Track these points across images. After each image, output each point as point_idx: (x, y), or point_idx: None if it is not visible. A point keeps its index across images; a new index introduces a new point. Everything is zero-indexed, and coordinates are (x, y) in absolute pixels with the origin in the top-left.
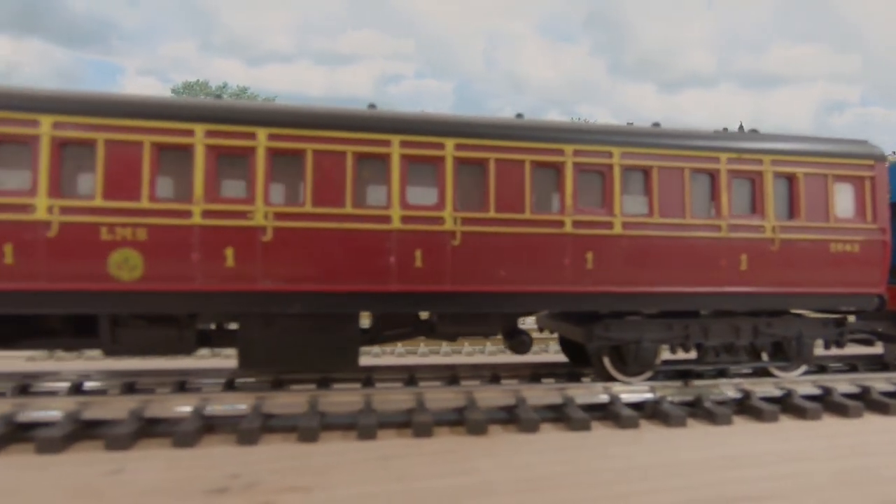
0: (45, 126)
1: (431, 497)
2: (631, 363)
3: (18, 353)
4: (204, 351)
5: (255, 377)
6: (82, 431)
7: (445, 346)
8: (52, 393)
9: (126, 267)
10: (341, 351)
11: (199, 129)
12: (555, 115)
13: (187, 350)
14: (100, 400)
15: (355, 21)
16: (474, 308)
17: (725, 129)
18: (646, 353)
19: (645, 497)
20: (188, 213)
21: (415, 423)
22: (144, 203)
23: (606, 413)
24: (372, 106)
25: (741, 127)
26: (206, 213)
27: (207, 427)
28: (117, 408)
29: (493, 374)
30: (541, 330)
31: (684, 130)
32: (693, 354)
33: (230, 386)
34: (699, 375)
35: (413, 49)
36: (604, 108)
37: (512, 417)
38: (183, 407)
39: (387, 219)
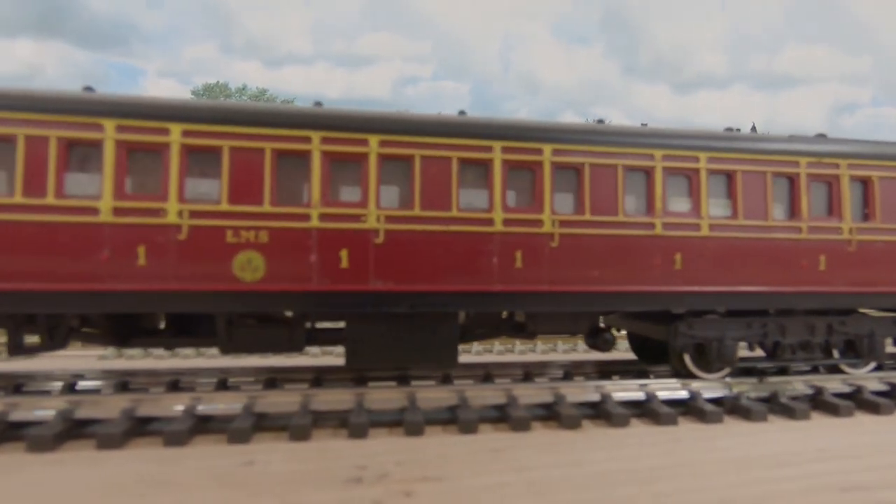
0: (175, 134)
1: (559, 484)
2: (714, 360)
3: (88, 353)
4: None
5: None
6: (202, 426)
7: (477, 346)
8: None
9: (249, 268)
10: (442, 348)
11: (316, 136)
12: (569, 117)
13: (297, 348)
14: (208, 396)
15: (373, 23)
16: (568, 307)
17: (751, 131)
18: (728, 350)
19: (768, 486)
20: (307, 217)
21: (514, 418)
22: (266, 207)
23: (688, 409)
24: (462, 112)
25: (754, 128)
26: (323, 217)
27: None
28: (230, 404)
29: (566, 372)
30: (608, 328)
31: (764, 135)
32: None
33: (317, 383)
34: (763, 372)
35: (430, 51)
36: (618, 110)
37: (600, 413)
38: (291, 402)
39: (490, 221)
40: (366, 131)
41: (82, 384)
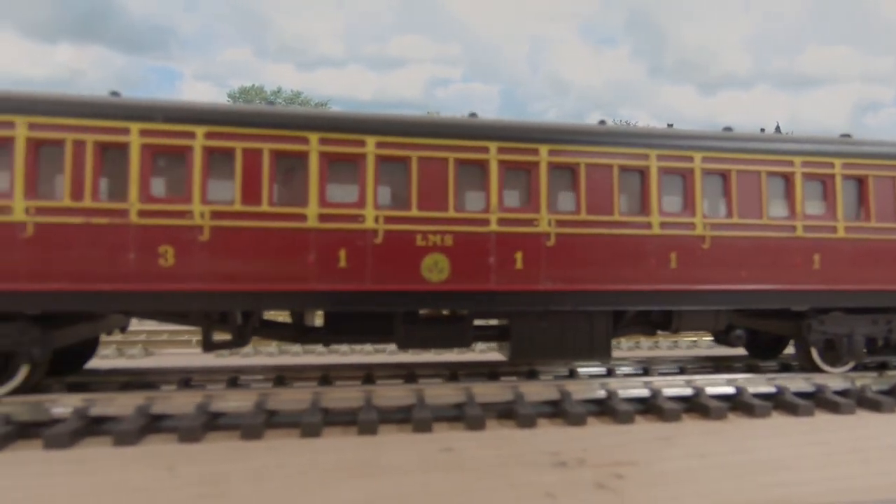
0: (371, 146)
1: (746, 467)
2: (844, 354)
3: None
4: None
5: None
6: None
7: None
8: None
9: (435, 270)
10: (597, 342)
11: (493, 146)
12: (597, 118)
13: (465, 343)
14: (380, 390)
15: (404, 26)
16: (717, 304)
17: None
18: (857, 345)
19: None
20: (486, 222)
21: (666, 411)
22: (451, 213)
23: (817, 400)
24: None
25: (778, 128)
26: (501, 221)
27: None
28: (399, 396)
29: (681, 368)
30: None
31: (877, 140)
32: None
33: (451, 377)
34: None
35: (460, 53)
36: (645, 111)
37: (737, 405)
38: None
39: (648, 225)
40: (537, 142)
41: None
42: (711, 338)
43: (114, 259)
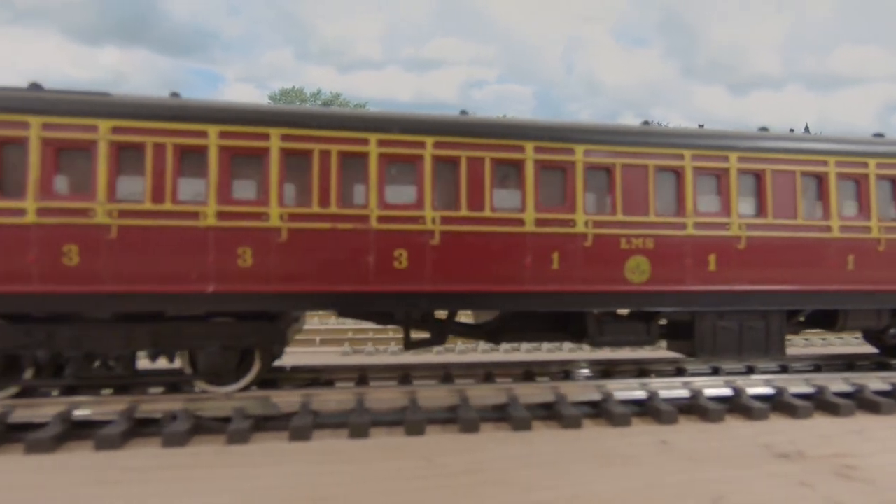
0: (579, 154)
1: None
2: None
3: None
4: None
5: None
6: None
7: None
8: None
9: (637, 271)
10: (772, 341)
11: (688, 153)
12: (630, 118)
13: (652, 342)
14: (517, 386)
15: (441, 29)
16: (885, 304)
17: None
18: None
19: None
20: (683, 226)
21: (799, 408)
22: (652, 217)
23: None
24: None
25: (807, 128)
26: (697, 225)
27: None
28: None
29: (782, 367)
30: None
31: None
32: None
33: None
34: None
35: (495, 55)
36: (677, 111)
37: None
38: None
39: (828, 228)
40: (726, 149)
41: None
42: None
43: (355, 261)
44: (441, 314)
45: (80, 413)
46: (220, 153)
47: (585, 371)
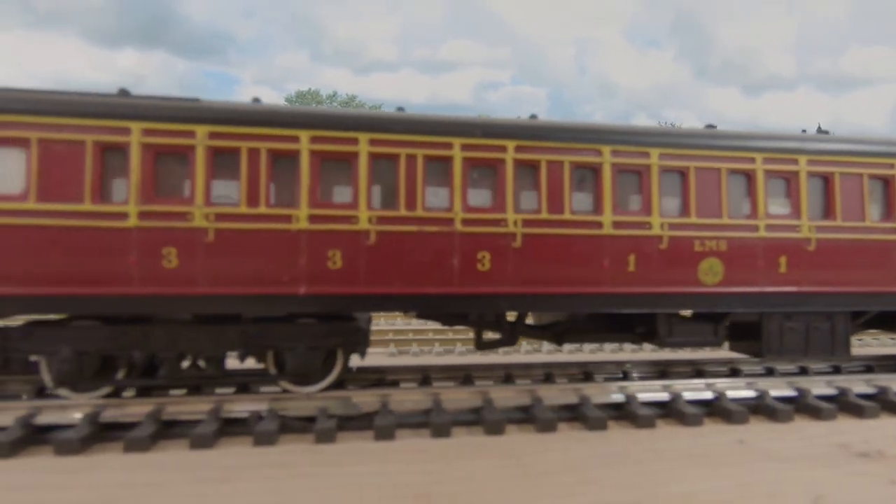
0: (654, 157)
1: None
2: None
3: None
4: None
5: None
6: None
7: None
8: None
9: (711, 273)
10: (837, 342)
11: (760, 157)
12: (643, 120)
13: (718, 343)
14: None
15: (455, 31)
16: None
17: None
18: None
19: None
20: (755, 228)
21: (867, 409)
22: (725, 219)
23: None
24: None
25: (819, 129)
26: (769, 227)
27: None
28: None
29: (834, 367)
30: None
31: None
32: None
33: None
34: None
35: (509, 57)
36: (690, 112)
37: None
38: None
39: (895, 230)
40: (796, 153)
41: None
42: None
43: (439, 263)
44: (511, 315)
45: (170, 411)
46: (312, 157)
47: (638, 372)
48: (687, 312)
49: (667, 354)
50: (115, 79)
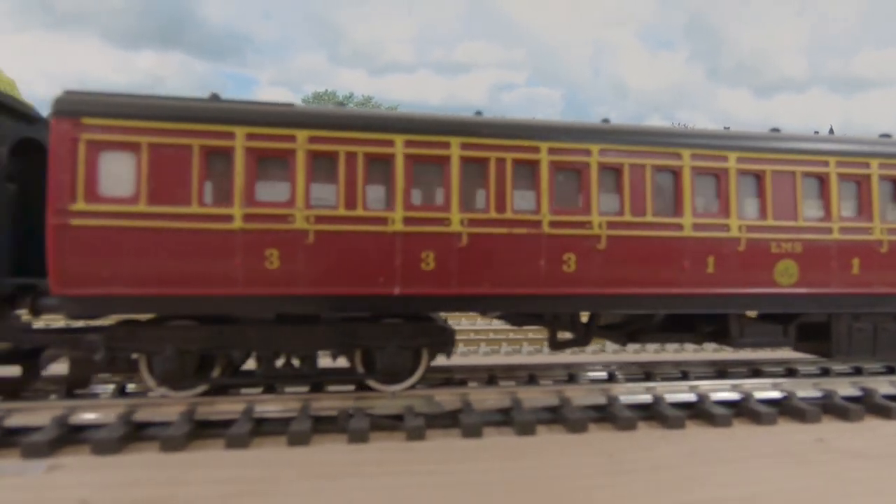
0: (732, 161)
1: None
2: None
3: None
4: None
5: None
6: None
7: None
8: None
9: (786, 274)
10: None
11: (833, 160)
12: (656, 121)
13: (790, 343)
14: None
15: (470, 32)
16: None
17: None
18: None
19: None
20: (829, 230)
21: None
22: (800, 222)
23: None
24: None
25: (831, 131)
26: (843, 230)
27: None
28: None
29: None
30: None
31: None
32: None
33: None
34: None
35: (524, 58)
36: (702, 113)
37: None
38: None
39: None
40: (868, 156)
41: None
42: None
43: (527, 265)
44: (583, 316)
45: (261, 409)
46: (405, 161)
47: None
48: (753, 313)
49: (724, 355)
50: (134, 80)
